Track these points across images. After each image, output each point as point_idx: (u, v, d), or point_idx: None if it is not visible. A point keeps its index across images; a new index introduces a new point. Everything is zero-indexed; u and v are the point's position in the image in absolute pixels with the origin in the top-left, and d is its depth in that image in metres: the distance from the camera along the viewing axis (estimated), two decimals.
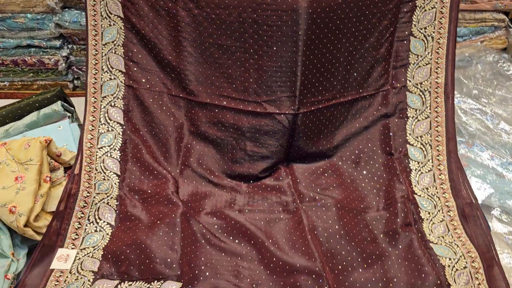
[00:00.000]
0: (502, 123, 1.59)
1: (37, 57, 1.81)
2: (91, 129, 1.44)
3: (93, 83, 1.47)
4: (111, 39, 1.47)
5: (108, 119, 1.46)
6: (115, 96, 1.47)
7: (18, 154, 1.25)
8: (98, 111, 1.46)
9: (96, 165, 1.40)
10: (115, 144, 1.44)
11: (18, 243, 1.25)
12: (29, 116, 1.51)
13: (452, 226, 1.31)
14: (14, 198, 1.20)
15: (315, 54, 1.40)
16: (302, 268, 1.18)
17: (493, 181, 1.45)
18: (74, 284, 1.15)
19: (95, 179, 1.38)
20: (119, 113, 1.47)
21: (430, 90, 1.46)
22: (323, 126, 1.48)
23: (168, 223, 1.27)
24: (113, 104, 1.47)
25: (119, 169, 1.42)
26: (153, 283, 1.16)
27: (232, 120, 1.45)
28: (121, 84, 1.48)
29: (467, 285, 1.15)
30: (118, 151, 1.44)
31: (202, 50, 1.45)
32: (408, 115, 1.48)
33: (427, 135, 1.45)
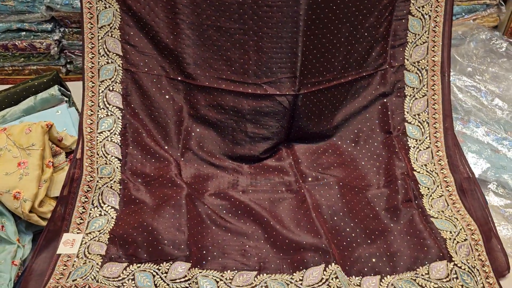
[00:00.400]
0: (496, 99, 1.62)
1: (28, 41, 1.76)
2: (90, 114, 1.42)
3: (90, 67, 1.44)
4: (107, 22, 1.44)
5: (107, 104, 1.44)
6: (113, 80, 1.45)
7: (19, 139, 1.24)
8: (97, 96, 1.44)
9: (98, 150, 1.39)
10: (115, 128, 1.43)
11: (22, 229, 1.24)
12: (25, 101, 1.49)
13: (451, 200, 1.34)
14: (17, 184, 1.18)
15: (316, 34, 1.40)
16: (308, 245, 1.20)
17: (488, 156, 1.49)
18: (82, 267, 1.16)
19: (97, 163, 1.37)
20: (118, 97, 1.45)
21: (427, 68, 1.48)
22: (323, 106, 1.49)
23: (173, 205, 1.27)
24: (112, 89, 1.45)
25: (120, 154, 1.41)
26: (162, 264, 1.17)
27: (232, 102, 1.45)
28: (119, 68, 1.45)
29: (468, 257, 1.19)
30: (118, 136, 1.43)
31: (200, 33, 1.44)
32: (405, 94, 1.50)
33: (424, 113, 1.48)
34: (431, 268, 1.17)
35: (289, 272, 1.17)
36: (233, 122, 1.47)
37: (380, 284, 1.16)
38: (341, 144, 1.50)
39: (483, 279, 1.16)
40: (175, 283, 1.12)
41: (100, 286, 1.12)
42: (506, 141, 1.52)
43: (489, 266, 1.18)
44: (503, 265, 1.21)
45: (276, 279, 1.16)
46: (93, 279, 1.13)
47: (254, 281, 1.16)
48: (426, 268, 1.17)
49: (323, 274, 1.14)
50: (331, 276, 1.13)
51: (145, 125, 1.46)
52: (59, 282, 1.11)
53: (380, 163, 1.44)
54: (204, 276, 1.15)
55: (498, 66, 1.71)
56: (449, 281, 1.14)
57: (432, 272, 1.16)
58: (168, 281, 1.13)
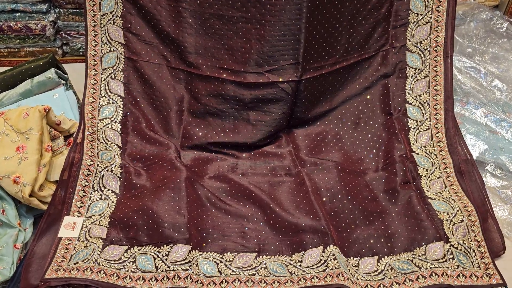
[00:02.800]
0: (496, 80, 1.61)
1: (23, 22, 1.73)
2: (92, 101, 1.42)
3: (93, 55, 1.44)
4: (109, 10, 1.43)
5: (108, 92, 1.44)
6: (115, 69, 1.45)
7: (17, 123, 1.23)
8: (99, 84, 1.44)
9: (98, 135, 1.39)
10: (115, 116, 1.44)
11: (23, 213, 1.25)
12: (22, 84, 1.47)
13: (449, 182, 1.35)
14: (17, 168, 1.19)
15: (319, 20, 1.39)
16: (307, 227, 1.21)
17: (486, 137, 1.49)
18: (84, 251, 1.17)
19: (98, 148, 1.37)
20: (120, 85, 1.46)
21: (430, 49, 1.46)
22: (325, 90, 1.48)
23: (173, 188, 1.28)
24: (114, 77, 1.45)
25: (120, 141, 1.42)
26: (162, 247, 1.18)
27: (233, 92, 1.44)
28: (121, 56, 1.45)
29: (464, 237, 1.21)
30: (119, 124, 1.43)
31: (203, 21, 1.42)
32: (407, 75, 1.49)
33: (426, 94, 1.47)
34: (428, 249, 1.19)
35: (288, 254, 1.19)
36: (235, 111, 1.47)
37: (378, 265, 1.18)
38: (341, 126, 1.50)
39: (479, 259, 1.18)
40: (175, 265, 1.13)
41: (101, 268, 1.13)
42: (505, 123, 1.52)
43: (485, 247, 1.19)
44: (499, 246, 1.23)
45: (276, 260, 1.18)
46: (94, 261, 1.14)
47: (253, 262, 1.17)
48: (423, 249, 1.19)
49: (322, 256, 1.16)
50: (329, 257, 1.15)
51: (146, 114, 1.46)
52: (61, 265, 1.13)
53: (380, 145, 1.44)
54: (204, 258, 1.17)
55: (498, 47, 1.70)
56: (445, 262, 1.16)
57: (429, 253, 1.18)
58: (169, 263, 1.14)
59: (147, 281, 1.12)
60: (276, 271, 1.15)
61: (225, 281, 1.12)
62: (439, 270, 1.14)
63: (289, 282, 1.12)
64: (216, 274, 1.14)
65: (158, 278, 1.12)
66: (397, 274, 1.15)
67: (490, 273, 1.15)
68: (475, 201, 1.30)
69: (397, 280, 1.14)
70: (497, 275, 1.14)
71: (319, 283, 1.10)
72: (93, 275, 1.11)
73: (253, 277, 1.13)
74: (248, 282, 1.12)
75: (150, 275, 1.13)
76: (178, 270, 1.12)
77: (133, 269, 1.14)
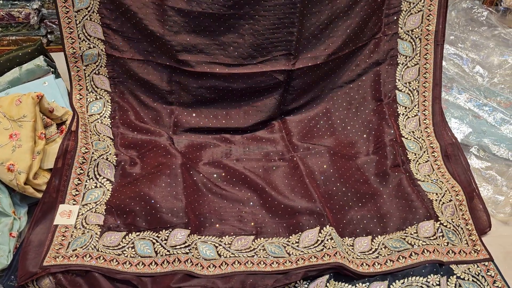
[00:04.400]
0: (477, 67, 1.67)
1: (5, 10, 1.70)
2: (79, 98, 1.42)
3: (72, 53, 1.41)
4: (85, 5, 1.38)
5: (95, 87, 1.43)
6: (98, 65, 1.43)
7: (9, 111, 1.21)
8: (84, 80, 1.43)
9: (90, 127, 1.39)
10: (104, 111, 1.44)
11: (17, 202, 1.23)
12: (10, 72, 1.44)
13: (436, 165, 1.40)
14: (11, 156, 1.17)
15: (313, 12, 1.41)
16: (303, 209, 1.24)
17: (470, 121, 1.55)
18: (81, 237, 1.16)
19: (91, 138, 1.36)
20: (105, 80, 1.45)
21: (421, 37, 1.50)
22: (319, 79, 1.51)
23: (169, 174, 1.28)
24: (98, 72, 1.43)
25: (112, 134, 1.42)
26: (161, 232, 1.19)
27: (226, 83, 1.45)
28: (102, 53, 1.42)
29: (453, 216, 1.26)
30: (108, 118, 1.43)
31: (190, 19, 1.40)
32: (398, 62, 1.52)
33: (415, 81, 1.51)
34: (419, 227, 1.23)
35: (285, 236, 1.21)
36: (228, 99, 1.48)
37: (372, 244, 1.22)
38: (333, 112, 1.53)
39: (467, 236, 1.23)
40: (175, 249, 1.14)
41: (100, 254, 1.13)
42: (486, 107, 1.59)
43: (472, 224, 1.25)
44: (485, 223, 1.28)
45: (273, 242, 1.20)
46: (93, 248, 1.14)
47: (252, 244, 1.19)
48: (414, 227, 1.24)
49: (319, 236, 1.19)
50: (326, 237, 1.18)
51: (134, 106, 1.46)
52: (59, 252, 1.12)
53: (370, 130, 1.48)
54: (203, 242, 1.18)
55: (478, 35, 1.76)
56: (436, 239, 1.21)
57: (420, 231, 1.22)
58: (168, 247, 1.15)
59: (146, 265, 1.12)
60: (274, 252, 1.17)
61: (225, 263, 1.14)
62: (431, 247, 1.18)
63: (287, 263, 1.14)
64: (215, 257, 1.15)
65: (158, 263, 1.13)
66: (391, 252, 1.19)
67: (477, 249, 1.20)
68: (461, 182, 1.35)
69: (391, 258, 1.18)
70: (484, 251, 1.20)
71: (317, 262, 1.13)
72: (93, 261, 1.11)
73: (252, 258, 1.16)
74: (248, 263, 1.14)
75: (149, 260, 1.13)
76: (179, 254, 1.13)
77: (132, 255, 1.14)
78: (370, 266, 1.16)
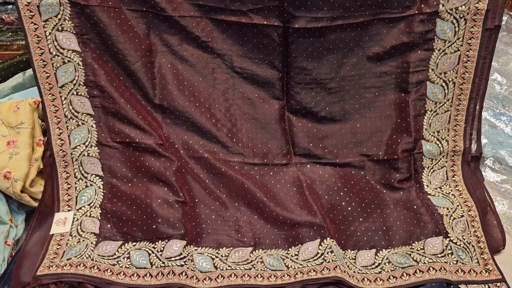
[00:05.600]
0: (495, 74, 1.59)
1: (15, 15, 1.70)
2: (44, 64, 1.19)
3: (26, 4, 1.13)
4: None
5: (59, 48, 1.19)
6: (60, 18, 1.17)
7: (7, 117, 1.20)
8: (44, 40, 1.17)
9: (64, 111, 1.23)
10: (78, 78, 1.22)
11: (15, 209, 1.22)
12: (14, 77, 1.44)
13: (452, 172, 1.32)
14: (8, 163, 1.16)
15: None
16: (302, 221, 1.20)
17: (486, 131, 1.47)
18: (76, 246, 1.15)
19: (68, 129, 1.24)
20: (71, 37, 1.19)
21: (467, 17, 1.22)
22: (326, 50, 1.28)
23: (164, 181, 1.25)
24: (61, 28, 1.18)
25: (91, 107, 1.24)
26: (157, 242, 1.16)
27: (214, 33, 1.26)
28: (64, 1, 1.16)
29: (464, 233, 1.19)
30: (84, 86, 1.23)
31: None
32: (434, 47, 1.26)
33: (453, 71, 1.27)
34: (427, 243, 1.17)
35: (285, 247, 1.17)
36: (216, 57, 1.28)
37: (375, 258, 1.16)
38: (343, 104, 1.33)
39: (478, 255, 1.16)
40: (170, 261, 1.11)
41: (94, 264, 1.11)
42: (504, 117, 1.51)
43: (484, 242, 1.18)
44: (499, 241, 1.21)
45: (272, 254, 1.16)
46: (87, 257, 1.12)
47: (249, 256, 1.15)
48: (421, 243, 1.17)
49: (319, 249, 1.14)
50: (326, 250, 1.13)
51: (112, 69, 1.24)
52: (53, 261, 1.10)
53: (385, 129, 1.32)
54: (199, 254, 1.15)
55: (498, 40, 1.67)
56: (444, 257, 1.14)
57: (428, 247, 1.16)
58: (163, 259, 1.12)
59: (141, 277, 1.10)
60: (272, 265, 1.13)
61: (221, 276, 1.10)
62: (437, 264, 1.12)
63: (286, 276, 1.10)
64: (211, 269, 1.12)
65: (152, 274, 1.10)
66: (394, 268, 1.13)
67: (489, 269, 1.13)
68: (475, 196, 1.28)
69: (394, 274, 1.12)
70: (496, 270, 1.13)
71: (316, 276, 1.08)
72: (86, 271, 1.09)
73: (249, 271, 1.11)
74: (244, 276, 1.11)
75: (144, 271, 1.11)
76: (173, 266, 1.10)
77: (127, 265, 1.12)
78: (372, 281, 1.11)
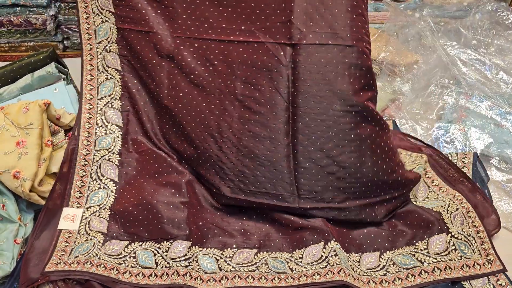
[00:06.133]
0: (501, 73, 1.59)
1: (23, 16, 1.73)
2: (90, 78, 1.37)
3: (86, 28, 1.38)
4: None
5: (106, 66, 1.38)
6: (109, 41, 1.39)
7: (17, 118, 1.22)
8: (95, 59, 1.38)
9: (97, 119, 1.35)
10: (115, 93, 1.38)
11: (24, 208, 1.24)
12: (22, 79, 1.46)
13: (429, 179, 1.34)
14: (17, 163, 1.18)
15: None
16: (305, 225, 1.20)
17: (491, 130, 1.47)
18: (84, 244, 1.16)
19: (96, 135, 1.33)
20: (116, 58, 1.39)
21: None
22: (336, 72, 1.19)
23: (173, 184, 1.26)
24: (109, 50, 1.39)
25: (121, 121, 1.37)
26: (162, 243, 1.17)
27: (221, 56, 1.28)
28: (113, 27, 1.38)
29: (463, 225, 1.20)
30: (118, 101, 1.38)
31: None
32: None
33: None
34: (430, 242, 1.18)
35: (289, 250, 1.17)
36: (221, 82, 1.28)
37: (380, 260, 1.17)
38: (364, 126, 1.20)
39: (479, 246, 1.17)
40: (175, 262, 1.13)
41: (101, 262, 1.12)
42: (510, 116, 1.51)
43: (483, 231, 1.19)
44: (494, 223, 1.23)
45: (276, 257, 1.17)
46: (94, 255, 1.14)
47: (254, 258, 1.16)
48: (425, 242, 1.18)
49: (323, 252, 1.14)
50: (330, 253, 1.14)
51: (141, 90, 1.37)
52: (61, 258, 1.12)
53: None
54: (204, 254, 1.16)
55: (503, 39, 1.68)
56: (448, 254, 1.15)
57: (431, 247, 1.17)
58: (168, 259, 1.13)
59: (146, 277, 1.11)
60: (276, 267, 1.14)
61: (225, 277, 1.11)
62: (442, 264, 1.12)
63: (289, 279, 1.11)
64: (216, 270, 1.13)
65: (157, 274, 1.11)
66: (399, 269, 1.14)
67: (490, 259, 1.14)
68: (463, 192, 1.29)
69: (399, 276, 1.12)
70: (497, 261, 1.14)
71: (320, 279, 1.09)
72: (93, 268, 1.10)
73: (253, 273, 1.12)
74: (248, 278, 1.12)
75: (149, 271, 1.12)
76: (178, 267, 1.11)
77: (133, 265, 1.13)
78: (377, 283, 1.12)
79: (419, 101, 1.59)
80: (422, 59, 1.67)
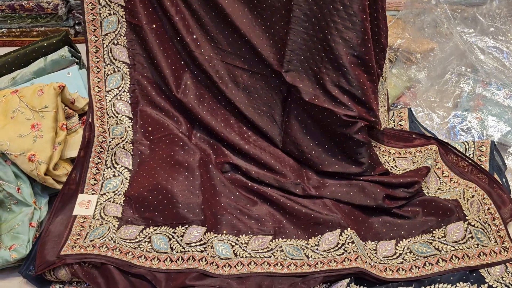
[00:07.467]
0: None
1: (34, 1, 1.72)
2: (97, 71, 1.36)
3: (91, 19, 1.36)
4: None
5: (113, 59, 1.37)
6: (117, 33, 1.37)
7: (32, 101, 1.22)
8: (101, 51, 1.36)
9: (107, 110, 1.35)
10: (123, 85, 1.37)
11: (38, 192, 1.24)
12: (36, 62, 1.46)
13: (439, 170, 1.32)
14: (32, 146, 1.17)
15: None
16: (320, 215, 1.19)
17: (509, 119, 1.45)
18: (99, 229, 1.16)
19: (108, 123, 1.34)
20: (124, 51, 1.38)
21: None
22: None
23: (187, 167, 1.26)
24: (116, 42, 1.37)
25: (131, 112, 1.37)
26: (177, 227, 1.17)
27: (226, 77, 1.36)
28: (122, 20, 1.36)
29: (479, 212, 1.19)
30: (127, 93, 1.38)
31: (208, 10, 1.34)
32: None
33: None
34: (448, 230, 1.16)
35: (305, 238, 1.17)
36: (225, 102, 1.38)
37: (396, 248, 1.16)
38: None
39: (495, 233, 1.15)
40: (190, 247, 1.12)
41: (116, 246, 1.12)
42: None
43: (499, 218, 1.17)
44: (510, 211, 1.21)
45: (292, 244, 1.16)
46: (110, 239, 1.13)
47: (269, 245, 1.16)
48: (442, 230, 1.17)
49: (339, 239, 1.13)
50: (347, 240, 1.13)
51: (154, 81, 1.39)
52: (76, 242, 1.12)
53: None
54: (219, 240, 1.15)
55: None
56: (466, 242, 1.14)
57: (449, 235, 1.16)
58: (184, 244, 1.13)
59: (161, 261, 1.11)
60: (292, 254, 1.13)
61: (241, 263, 1.11)
62: (460, 252, 1.11)
63: (306, 265, 1.10)
64: (231, 256, 1.12)
65: (173, 259, 1.11)
66: (416, 258, 1.13)
67: (506, 247, 1.13)
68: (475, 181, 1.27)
69: (416, 264, 1.11)
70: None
71: (337, 266, 1.08)
72: (109, 252, 1.10)
73: (269, 259, 1.12)
74: (264, 264, 1.11)
75: (165, 256, 1.12)
76: (193, 252, 1.11)
77: (148, 249, 1.13)
78: (394, 272, 1.11)
79: (435, 89, 1.56)
80: (438, 46, 1.64)
